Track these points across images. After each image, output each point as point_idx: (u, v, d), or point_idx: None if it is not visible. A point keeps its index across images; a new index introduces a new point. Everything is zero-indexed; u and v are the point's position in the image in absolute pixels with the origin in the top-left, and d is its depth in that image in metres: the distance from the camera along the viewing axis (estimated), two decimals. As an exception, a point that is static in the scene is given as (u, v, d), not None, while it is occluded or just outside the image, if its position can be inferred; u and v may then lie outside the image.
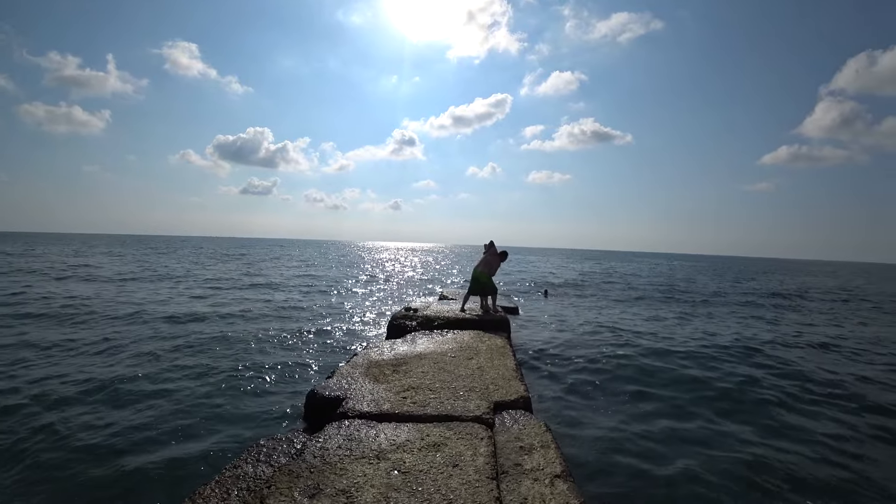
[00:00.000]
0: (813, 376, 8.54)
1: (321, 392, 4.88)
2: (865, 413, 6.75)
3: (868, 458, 5.29)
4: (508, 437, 3.89)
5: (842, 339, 12.59)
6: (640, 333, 12.28)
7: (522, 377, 5.63)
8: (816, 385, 7.99)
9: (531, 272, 39.88)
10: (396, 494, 2.87)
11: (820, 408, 6.90)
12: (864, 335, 13.60)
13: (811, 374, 8.66)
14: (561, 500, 2.91)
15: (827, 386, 7.96)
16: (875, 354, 10.90)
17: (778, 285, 34.27)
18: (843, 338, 12.83)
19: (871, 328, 15.26)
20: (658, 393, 7.17)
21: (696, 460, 5.02)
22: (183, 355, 8.46)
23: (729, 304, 20.15)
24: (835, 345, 11.79)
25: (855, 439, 5.82)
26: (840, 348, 11.42)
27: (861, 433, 6.02)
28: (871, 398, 7.40)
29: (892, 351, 11.39)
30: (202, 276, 24.38)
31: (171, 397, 6.37)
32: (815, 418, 6.49)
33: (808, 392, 7.59)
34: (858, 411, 6.79)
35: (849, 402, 7.14)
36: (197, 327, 10.97)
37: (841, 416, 6.59)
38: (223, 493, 2.96)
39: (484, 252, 10.23)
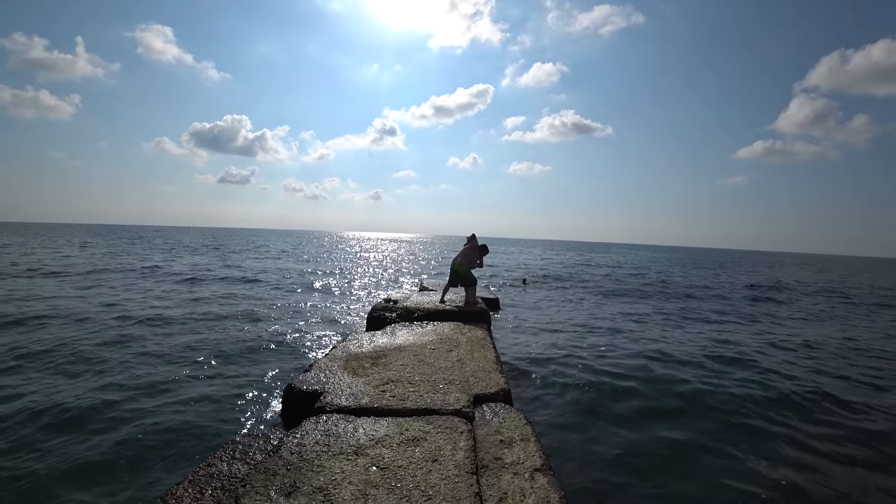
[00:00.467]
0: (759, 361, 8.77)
1: (298, 386, 4.80)
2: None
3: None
4: (488, 430, 3.87)
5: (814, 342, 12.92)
6: (617, 329, 12.43)
7: (503, 369, 5.63)
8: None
9: (511, 263, 40.10)
10: (375, 491, 2.83)
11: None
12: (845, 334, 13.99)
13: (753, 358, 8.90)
14: (541, 495, 2.90)
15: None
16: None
17: (749, 278, 35.09)
18: (820, 343, 13.17)
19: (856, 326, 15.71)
20: (639, 388, 7.24)
21: (676, 454, 5.09)
22: (153, 349, 8.24)
23: (699, 299, 20.56)
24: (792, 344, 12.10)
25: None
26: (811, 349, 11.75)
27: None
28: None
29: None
30: (175, 267, 23.85)
31: (141, 392, 6.20)
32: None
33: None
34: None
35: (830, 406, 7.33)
36: (168, 321, 10.69)
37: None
38: (196, 492, 2.88)
39: (465, 244, 10.23)
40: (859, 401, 7.01)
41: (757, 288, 26.12)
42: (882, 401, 7.10)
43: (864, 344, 11.57)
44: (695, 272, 38.15)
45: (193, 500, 2.80)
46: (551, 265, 38.83)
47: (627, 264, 46.46)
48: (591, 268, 37.87)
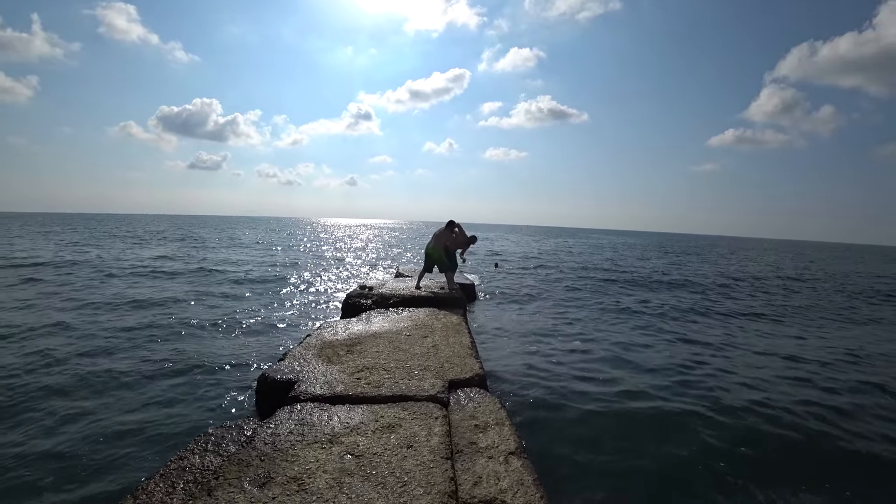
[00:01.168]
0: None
1: (272, 376, 4.76)
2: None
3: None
4: (463, 415, 3.92)
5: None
6: (584, 316, 12.65)
7: (478, 354, 5.68)
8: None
9: (485, 248, 40.30)
10: (350, 479, 2.84)
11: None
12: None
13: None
14: (515, 477, 2.96)
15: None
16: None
17: (719, 266, 36.06)
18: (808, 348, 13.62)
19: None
20: (610, 372, 7.40)
21: (651, 439, 5.22)
22: (122, 342, 8.02)
23: (661, 283, 21.05)
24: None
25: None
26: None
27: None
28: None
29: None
30: (144, 256, 23.24)
31: (111, 386, 6.05)
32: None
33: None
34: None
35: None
36: (138, 312, 10.42)
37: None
38: (168, 486, 2.84)
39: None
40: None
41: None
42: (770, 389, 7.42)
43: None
44: (653, 260, 38.99)
45: (165, 495, 2.76)
46: (525, 250, 39.16)
47: (596, 249, 47.18)
48: (564, 253, 38.36)
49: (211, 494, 2.70)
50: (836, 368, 8.03)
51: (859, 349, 9.45)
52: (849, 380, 7.39)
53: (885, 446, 5.16)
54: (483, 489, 2.84)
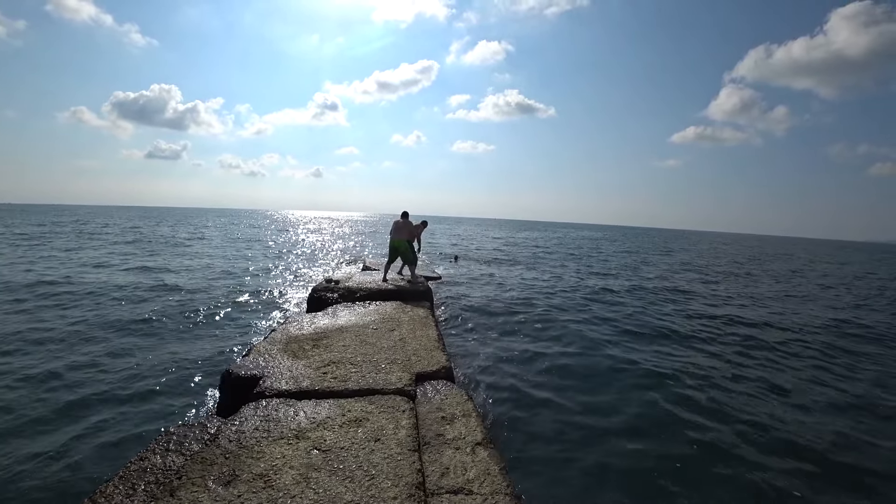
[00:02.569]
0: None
1: (237, 371, 4.68)
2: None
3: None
4: (430, 407, 3.95)
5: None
6: (547, 292, 12.87)
7: (444, 347, 5.73)
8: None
9: (448, 240, 40.41)
10: (317, 474, 2.83)
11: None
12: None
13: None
14: (482, 467, 3.02)
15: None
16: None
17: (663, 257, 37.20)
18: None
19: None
20: (574, 363, 7.58)
21: (615, 428, 5.38)
22: (76, 339, 7.73)
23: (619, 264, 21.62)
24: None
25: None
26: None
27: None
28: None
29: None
30: (100, 248, 22.32)
31: (63, 386, 5.81)
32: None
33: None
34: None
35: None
36: (90, 307, 10.04)
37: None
38: (128, 488, 2.78)
39: (397, 221, 10.25)
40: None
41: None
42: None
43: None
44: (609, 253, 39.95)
45: (125, 497, 2.70)
46: (487, 243, 39.42)
47: (557, 242, 48.01)
48: (522, 246, 38.94)
49: (174, 495, 2.65)
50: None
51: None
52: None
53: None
54: (450, 480, 2.89)
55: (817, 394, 6.61)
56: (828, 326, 11.14)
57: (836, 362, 8.19)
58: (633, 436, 5.02)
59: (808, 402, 6.28)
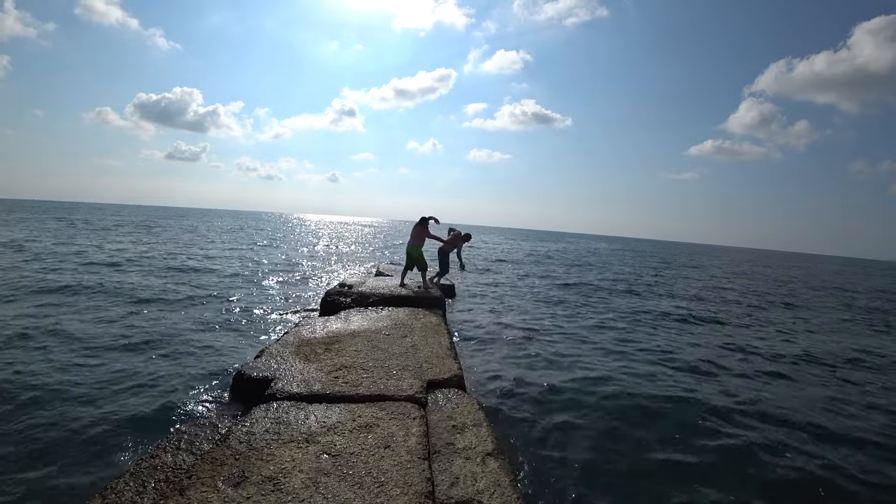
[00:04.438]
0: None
1: (248, 373, 4.70)
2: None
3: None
4: (441, 416, 3.92)
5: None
6: (554, 317, 12.75)
7: (456, 355, 5.70)
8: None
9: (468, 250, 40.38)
10: (326, 479, 2.82)
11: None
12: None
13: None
14: (492, 478, 2.97)
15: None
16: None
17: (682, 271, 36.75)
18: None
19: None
20: (588, 372, 7.48)
21: (629, 438, 5.28)
22: (95, 336, 7.83)
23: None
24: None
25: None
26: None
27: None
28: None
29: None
30: (116, 248, 22.69)
31: (80, 381, 5.88)
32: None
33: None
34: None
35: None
36: (110, 307, 10.18)
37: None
38: (139, 485, 2.78)
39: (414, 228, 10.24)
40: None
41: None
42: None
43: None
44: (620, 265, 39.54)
45: (135, 494, 2.70)
46: (497, 252, 39.24)
47: (569, 254, 47.68)
48: (534, 255, 38.76)
49: (183, 494, 2.65)
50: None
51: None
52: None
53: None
54: (460, 490, 2.85)
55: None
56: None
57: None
58: (662, 459, 4.86)
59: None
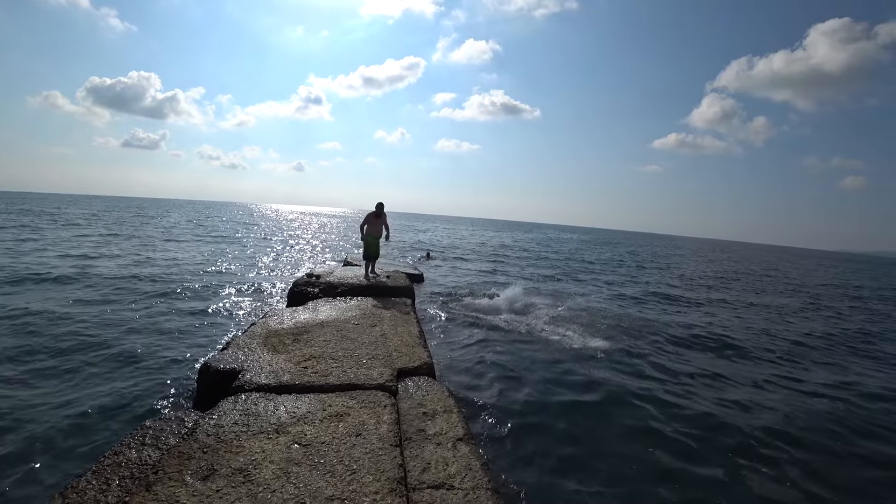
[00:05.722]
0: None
1: (215, 365, 4.61)
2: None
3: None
4: (412, 403, 3.95)
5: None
6: (531, 289, 12.94)
7: (426, 343, 5.73)
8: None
9: (425, 238, 40.44)
10: (297, 468, 2.81)
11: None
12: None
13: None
14: (463, 462, 3.02)
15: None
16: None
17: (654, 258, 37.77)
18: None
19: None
20: (553, 356, 7.64)
21: (595, 421, 5.45)
22: (49, 335, 7.49)
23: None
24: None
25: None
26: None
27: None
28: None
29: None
30: (75, 238, 21.72)
31: (35, 378, 5.65)
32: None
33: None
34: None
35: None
36: (64, 299, 9.77)
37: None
38: (102, 483, 2.71)
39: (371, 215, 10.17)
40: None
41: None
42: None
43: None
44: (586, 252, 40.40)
45: (98, 493, 2.64)
46: (462, 242, 39.50)
47: (534, 243, 48.41)
48: (498, 245, 39.21)
49: (150, 490, 2.59)
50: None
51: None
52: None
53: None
54: (432, 475, 2.89)
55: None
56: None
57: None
58: (621, 434, 5.08)
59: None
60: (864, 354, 10.04)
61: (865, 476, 4.74)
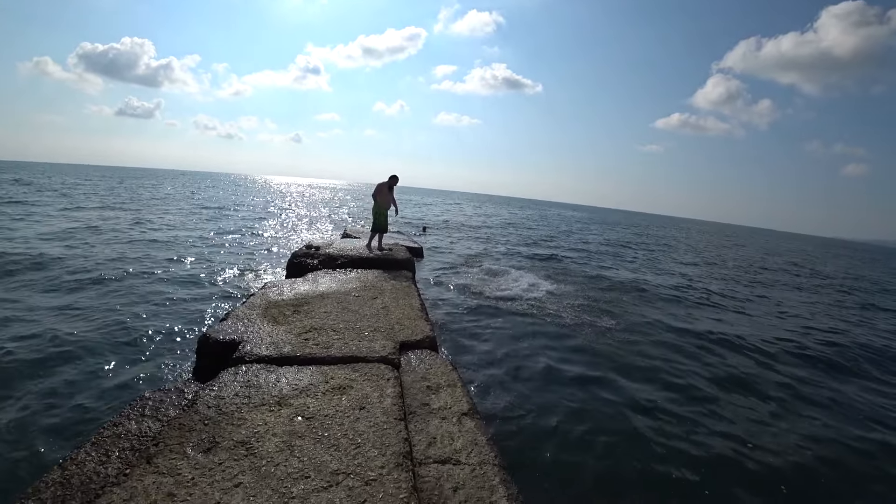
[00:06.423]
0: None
1: (215, 336, 4.53)
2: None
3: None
4: (415, 377, 3.89)
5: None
6: (526, 267, 12.90)
7: (428, 316, 5.66)
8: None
9: (423, 212, 40.21)
10: (301, 441, 2.75)
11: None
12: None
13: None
14: (468, 437, 2.97)
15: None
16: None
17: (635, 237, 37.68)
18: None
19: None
20: (554, 330, 7.61)
21: (586, 393, 5.44)
22: (43, 303, 7.41)
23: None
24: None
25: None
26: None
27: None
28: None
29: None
30: (70, 206, 21.49)
31: (32, 352, 5.57)
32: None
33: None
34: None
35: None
36: (58, 270, 9.66)
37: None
38: (101, 455, 2.65)
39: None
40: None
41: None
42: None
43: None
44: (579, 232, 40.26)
45: (98, 464, 2.58)
46: (459, 217, 39.26)
47: (538, 220, 48.20)
48: (496, 221, 39.03)
49: (150, 462, 2.54)
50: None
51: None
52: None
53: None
54: (438, 449, 2.84)
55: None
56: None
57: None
58: (624, 406, 5.07)
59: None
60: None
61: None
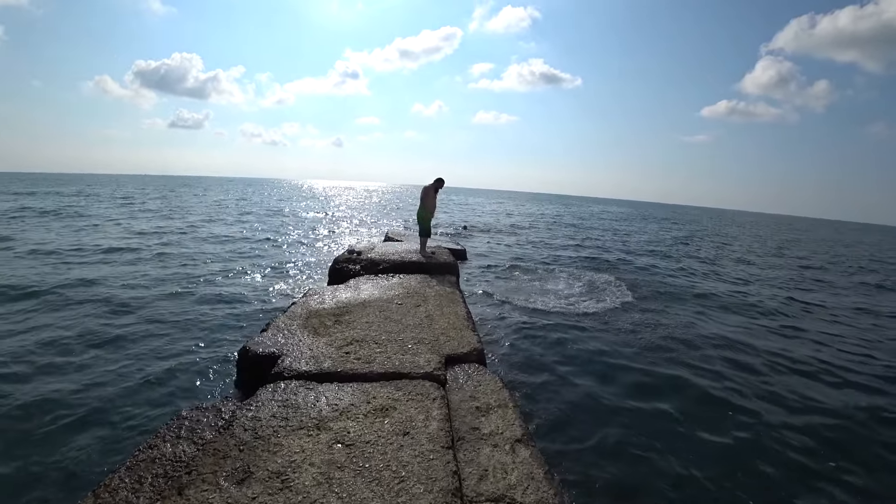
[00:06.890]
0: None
1: (254, 349, 4.40)
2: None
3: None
4: (462, 395, 3.61)
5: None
6: (577, 266, 12.40)
7: (474, 326, 5.37)
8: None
9: (465, 212, 39.87)
10: (340, 473, 2.52)
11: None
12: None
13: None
14: (524, 470, 2.67)
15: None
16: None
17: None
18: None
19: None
20: (608, 343, 7.17)
21: (662, 421, 5.01)
22: (86, 309, 7.54)
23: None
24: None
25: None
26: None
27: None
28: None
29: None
30: (124, 218, 22.45)
31: (72, 359, 5.60)
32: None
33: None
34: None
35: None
36: (105, 279, 9.91)
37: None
38: (134, 482, 2.50)
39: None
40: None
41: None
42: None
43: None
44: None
45: (131, 493, 2.42)
46: (502, 216, 38.62)
47: (583, 218, 47.05)
48: (540, 220, 38.25)
49: (182, 493, 2.37)
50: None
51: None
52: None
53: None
54: (490, 484, 2.55)
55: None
56: None
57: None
58: (698, 445, 4.56)
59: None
60: None
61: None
